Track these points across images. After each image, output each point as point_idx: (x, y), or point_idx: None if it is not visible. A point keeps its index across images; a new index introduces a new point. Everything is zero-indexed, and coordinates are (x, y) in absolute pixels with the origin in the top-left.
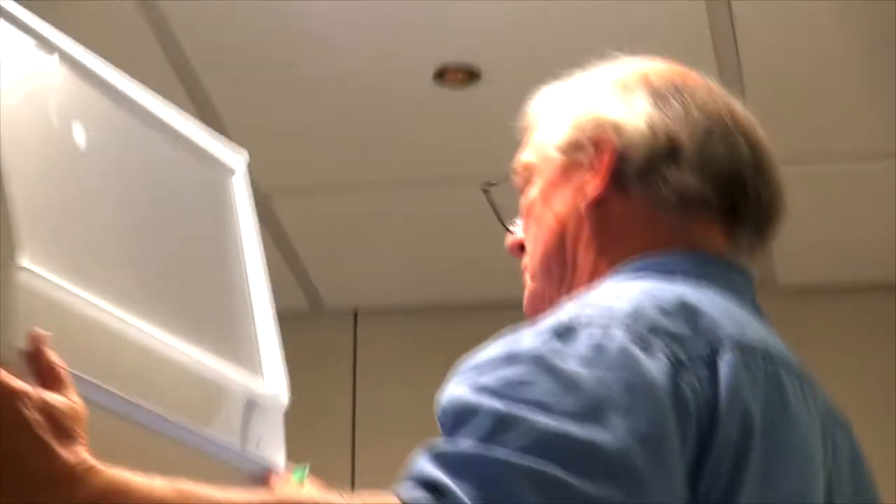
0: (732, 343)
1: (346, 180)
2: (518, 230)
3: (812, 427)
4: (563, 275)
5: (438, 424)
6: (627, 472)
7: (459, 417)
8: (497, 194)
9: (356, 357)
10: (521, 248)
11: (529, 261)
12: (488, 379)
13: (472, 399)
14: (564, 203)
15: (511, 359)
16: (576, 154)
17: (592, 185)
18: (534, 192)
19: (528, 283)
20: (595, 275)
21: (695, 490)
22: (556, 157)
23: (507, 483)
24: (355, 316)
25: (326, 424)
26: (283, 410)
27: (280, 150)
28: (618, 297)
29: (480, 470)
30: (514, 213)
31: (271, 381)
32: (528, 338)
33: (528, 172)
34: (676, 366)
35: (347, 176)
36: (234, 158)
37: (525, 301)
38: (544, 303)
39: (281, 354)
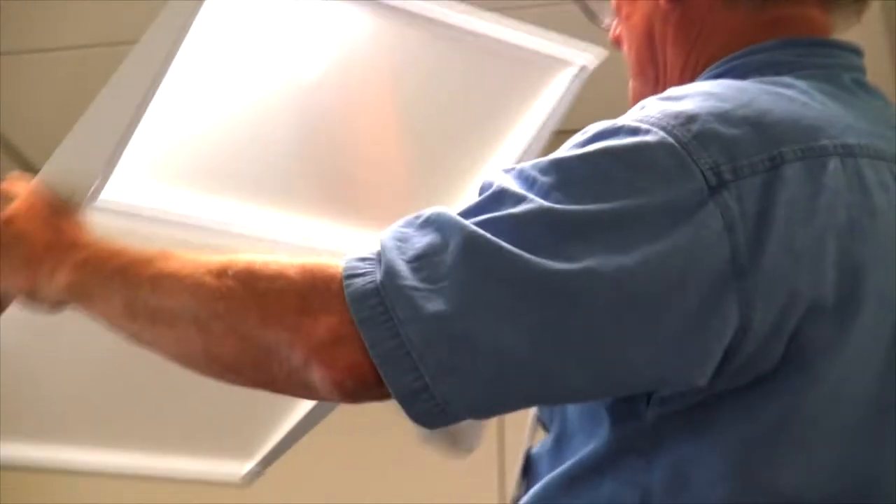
0: (801, 148)
1: None
2: (613, 25)
3: None
4: (656, 75)
5: None
6: (586, 257)
7: (478, 194)
8: None
9: None
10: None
11: (627, 60)
12: (522, 165)
13: (493, 178)
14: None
15: (555, 156)
16: None
17: None
18: None
19: (630, 81)
20: (685, 74)
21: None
22: None
23: (450, 243)
24: None
25: None
26: None
27: None
28: (677, 99)
29: (437, 227)
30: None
31: None
32: (581, 138)
33: None
34: (713, 186)
35: None
36: (578, 56)
37: (630, 100)
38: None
39: None
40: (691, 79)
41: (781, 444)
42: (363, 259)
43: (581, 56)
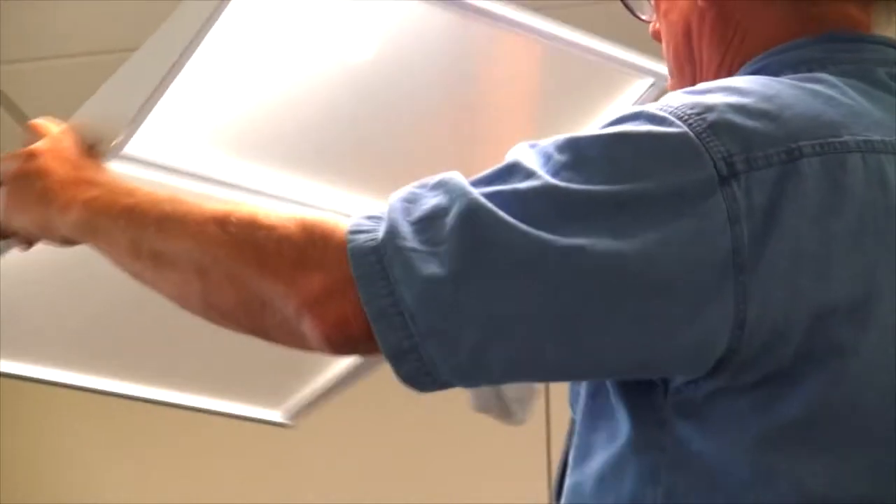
0: (820, 143)
1: None
2: (653, 20)
3: None
4: (693, 72)
5: None
6: (582, 235)
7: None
8: None
9: None
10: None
11: (665, 57)
12: (542, 146)
13: (513, 152)
14: None
15: (567, 141)
16: None
17: None
18: None
19: (669, 79)
20: (721, 72)
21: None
22: None
23: (452, 209)
24: None
25: None
26: None
27: None
28: (700, 93)
29: (443, 191)
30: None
31: None
32: (606, 121)
33: None
34: (724, 176)
35: None
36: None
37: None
38: None
39: None
40: (727, 76)
41: (805, 443)
42: (370, 217)
43: (656, 66)
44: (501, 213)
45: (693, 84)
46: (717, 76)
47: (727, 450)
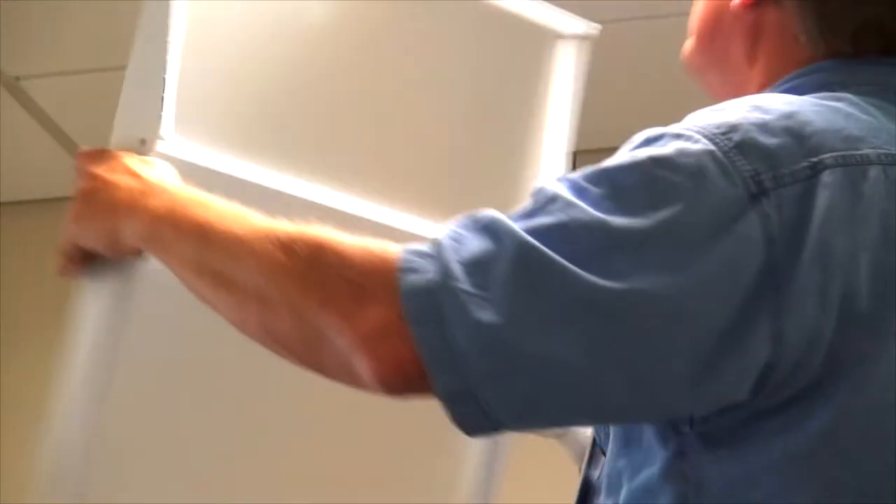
0: (842, 156)
1: None
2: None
3: None
4: (714, 59)
5: None
6: (636, 270)
7: (529, 198)
8: None
9: None
10: None
11: (690, 21)
12: (572, 175)
13: (546, 184)
14: None
15: (603, 164)
16: None
17: None
18: None
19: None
20: (747, 83)
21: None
22: None
23: (502, 252)
24: None
25: None
26: None
27: None
28: (720, 110)
29: (490, 234)
30: None
31: None
32: (629, 145)
33: None
34: (754, 193)
35: None
36: (570, 25)
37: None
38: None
39: None
40: (750, 83)
41: (830, 453)
42: (420, 254)
43: (578, 25)
44: (552, 255)
45: (716, 64)
46: (743, 81)
47: (755, 469)
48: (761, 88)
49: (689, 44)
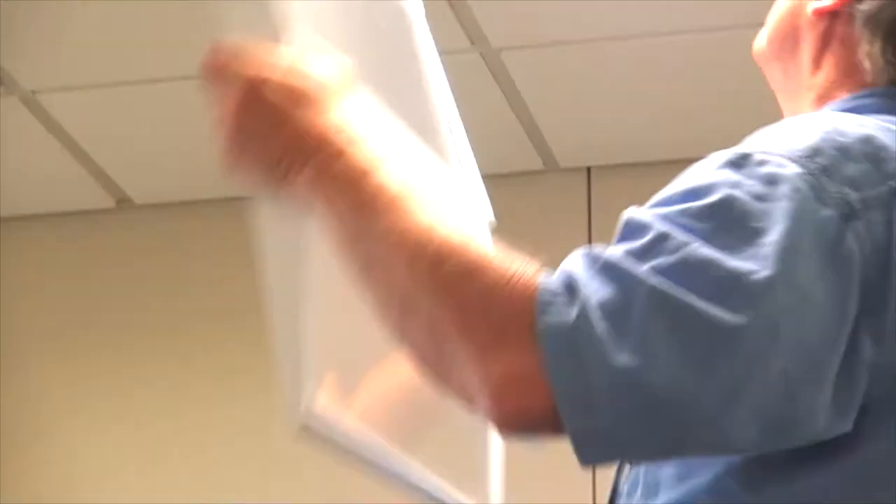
0: None
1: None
2: None
3: None
4: (786, 59)
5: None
6: (767, 304)
7: (627, 231)
8: None
9: (590, 213)
10: None
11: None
12: (666, 209)
13: (645, 219)
14: None
15: (690, 193)
16: None
17: None
18: None
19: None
20: (808, 89)
21: (865, 346)
22: None
23: (634, 296)
24: (588, 172)
25: None
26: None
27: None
28: (799, 134)
29: (616, 277)
30: None
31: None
32: (708, 170)
33: None
34: (847, 214)
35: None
36: None
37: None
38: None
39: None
40: (810, 98)
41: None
42: (555, 293)
43: None
44: (685, 298)
45: (783, 60)
46: (806, 84)
47: (807, 496)
48: (819, 98)
49: (762, 34)
